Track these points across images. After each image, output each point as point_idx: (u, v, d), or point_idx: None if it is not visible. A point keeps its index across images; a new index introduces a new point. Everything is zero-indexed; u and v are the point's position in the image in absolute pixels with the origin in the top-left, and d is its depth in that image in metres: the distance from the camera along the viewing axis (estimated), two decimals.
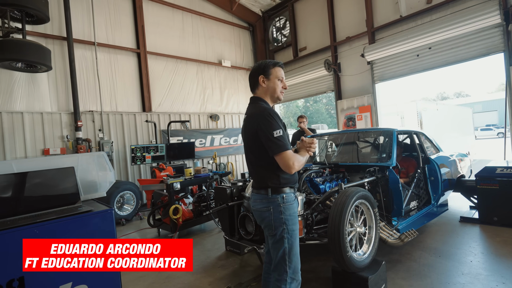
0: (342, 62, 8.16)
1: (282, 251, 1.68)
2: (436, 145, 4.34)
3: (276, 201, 1.70)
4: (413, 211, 3.54)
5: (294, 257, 1.70)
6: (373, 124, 7.50)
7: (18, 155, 5.56)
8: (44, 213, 1.47)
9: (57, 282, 1.30)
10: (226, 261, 3.37)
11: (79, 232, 1.38)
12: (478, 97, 35.47)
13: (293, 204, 1.75)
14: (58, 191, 1.59)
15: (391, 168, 3.02)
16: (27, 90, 5.76)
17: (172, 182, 4.19)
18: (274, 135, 1.60)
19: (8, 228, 1.21)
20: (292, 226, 1.72)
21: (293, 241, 1.70)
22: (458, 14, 5.87)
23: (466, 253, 3.04)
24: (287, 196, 1.72)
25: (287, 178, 1.73)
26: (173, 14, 8.11)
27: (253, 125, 1.70)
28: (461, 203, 4.82)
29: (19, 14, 5.26)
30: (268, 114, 1.66)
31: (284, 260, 1.68)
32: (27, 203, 1.49)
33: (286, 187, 1.74)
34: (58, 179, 1.59)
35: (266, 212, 1.72)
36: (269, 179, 1.71)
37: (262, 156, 1.69)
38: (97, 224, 1.43)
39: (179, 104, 8.10)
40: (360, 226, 2.50)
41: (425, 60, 6.58)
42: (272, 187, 1.71)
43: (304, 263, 3.05)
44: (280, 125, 1.67)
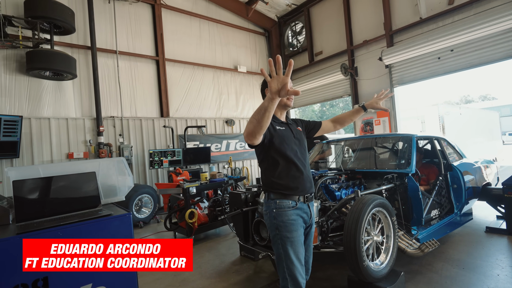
0: (359, 66, 8.04)
1: (278, 255, 1.69)
2: (459, 151, 4.16)
3: (270, 206, 1.72)
4: (434, 220, 3.40)
5: (291, 265, 1.64)
6: (392, 129, 7.30)
7: (45, 158, 5.86)
8: (67, 216, 1.54)
9: (79, 282, 1.36)
10: (240, 266, 3.37)
11: (99, 235, 1.44)
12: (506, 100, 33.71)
13: (288, 211, 1.68)
14: (80, 195, 1.67)
15: (410, 175, 2.93)
16: (54, 97, 6.07)
17: (188, 187, 4.26)
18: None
19: (34, 230, 1.29)
20: (286, 233, 1.66)
21: (287, 248, 1.65)
22: (482, 15, 5.64)
23: (493, 266, 2.88)
24: (280, 202, 1.69)
25: (281, 184, 1.70)
26: (190, 22, 8.32)
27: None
28: (487, 213, 4.59)
29: (48, 26, 5.60)
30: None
31: (282, 266, 1.66)
32: (52, 206, 1.58)
33: (278, 193, 1.71)
34: (80, 184, 1.67)
35: (265, 215, 1.78)
36: (266, 184, 1.77)
37: (260, 160, 1.78)
38: (116, 227, 1.49)
39: (195, 110, 8.25)
40: (377, 235, 2.43)
41: (447, 63, 6.36)
42: (268, 192, 1.75)
43: (319, 271, 3.01)
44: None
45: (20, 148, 5.42)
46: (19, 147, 5.41)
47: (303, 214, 1.73)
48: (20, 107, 5.68)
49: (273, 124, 1.74)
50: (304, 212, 1.74)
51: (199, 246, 4.22)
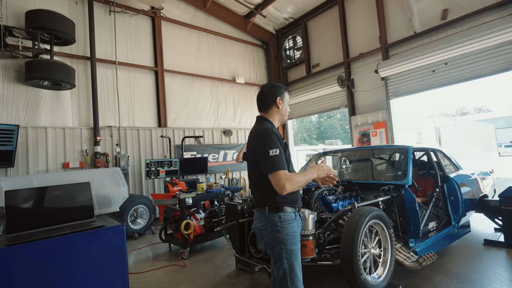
0: (355, 78, 8.15)
1: (283, 271, 1.64)
2: (455, 163, 4.18)
3: (273, 220, 1.67)
4: (432, 232, 3.38)
5: (295, 277, 1.63)
6: (388, 140, 7.35)
7: (40, 168, 5.80)
8: (60, 227, 1.52)
9: None
10: (236, 279, 3.30)
11: (91, 247, 1.41)
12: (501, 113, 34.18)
13: (292, 224, 1.69)
14: (74, 205, 1.64)
15: (406, 186, 2.93)
16: (52, 107, 6.08)
17: (184, 197, 4.22)
18: (270, 153, 1.59)
19: (24, 242, 1.26)
20: (291, 246, 1.66)
21: (293, 261, 1.64)
22: (474, 30, 5.79)
23: (492, 279, 2.84)
24: (284, 215, 1.68)
25: (285, 197, 1.68)
26: (189, 34, 8.46)
27: (253, 142, 1.72)
28: (485, 225, 4.57)
29: (48, 37, 5.67)
30: (267, 133, 1.66)
31: (286, 281, 1.63)
32: (44, 216, 1.55)
33: (284, 206, 1.70)
34: (74, 194, 1.64)
35: (264, 230, 1.70)
36: (267, 198, 1.70)
37: (261, 174, 1.68)
38: (109, 239, 1.46)
39: (193, 120, 8.28)
40: (374, 248, 2.40)
41: (441, 76, 6.47)
42: (269, 206, 1.69)
43: (315, 285, 2.96)
44: (278, 144, 1.65)
45: (15, 158, 5.37)
46: (15, 157, 5.36)
47: (299, 225, 1.73)
48: (17, 116, 5.67)
49: (283, 144, 1.73)
50: (300, 222, 1.74)
51: (195, 258, 4.15)
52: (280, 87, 1.86)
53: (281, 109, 1.84)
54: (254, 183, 1.78)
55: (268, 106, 1.84)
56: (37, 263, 1.25)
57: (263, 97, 1.86)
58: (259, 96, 1.89)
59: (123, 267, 1.49)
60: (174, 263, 3.97)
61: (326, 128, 34.19)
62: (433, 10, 6.53)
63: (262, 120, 1.83)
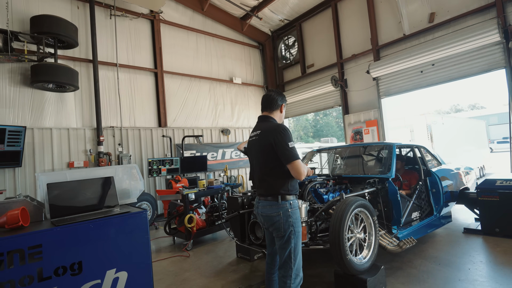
0: (348, 78, 8.48)
1: (289, 250, 1.95)
2: (437, 158, 4.51)
3: (285, 207, 1.97)
4: (415, 221, 3.71)
5: (297, 255, 1.97)
6: (380, 138, 7.69)
7: (46, 167, 6.04)
8: (94, 213, 1.80)
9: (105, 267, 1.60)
10: (237, 266, 3.61)
11: (121, 228, 1.70)
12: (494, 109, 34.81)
13: (297, 210, 2.04)
14: (102, 195, 1.93)
15: (390, 180, 3.25)
16: (56, 108, 6.31)
17: (188, 193, 4.51)
18: (289, 146, 1.91)
19: (70, 223, 1.55)
20: (298, 228, 2.00)
21: (297, 241, 1.98)
22: (459, 33, 6.13)
23: (466, 261, 3.18)
24: (293, 202, 2.01)
25: (294, 186, 2.04)
26: (188, 36, 8.70)
27: (270, 138, 1.96)
28: (467, 215, 4.93)
29: (52, 41, 5.90)
30: (284, 128, 1.98)
31: (290, 258, 1.95)
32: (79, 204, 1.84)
33: (292, 195, 2.02)
34: (101, 186, 1.93)
35: (276, 216, 1.96)
36: (280, 187, 1.97)
37: (276, 165, 1.95)
38: (134, 222, 1.75)
39: (192, 120, 8.55)
40: (359, 233, 2.72)
41: (428, 76, 6.81)
42: (281, 194, 1.97)
43: (310, 269, 3.28)
44: (292, 138, 1.98)
45: (22, 158, 5.60)
46: (22, 157, 5.59)
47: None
48: (23, 118, 5.89)
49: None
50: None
51: (198, 249, 4.44)
52: (284, 96, 2.23)
53: (282, 113, 2.20)
54: (268, 174, 2.01)
55: (274, 108, 2.16)
56: (80, 239, 1.54)
57: (272, 99, 2.15)
58: (267, 98, 2.17)
59: (147, 245, 1.78)
60: (179, 254, 4.27)
61: (322, 126, 34.57)
62: (421, 13, 6.86)
63: (269, 119, 2.14)
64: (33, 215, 1.68)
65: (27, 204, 1.65)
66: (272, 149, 1.94)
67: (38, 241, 1.40)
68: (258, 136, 2.08)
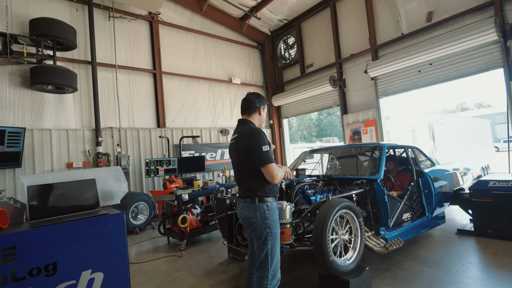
0: (347, 78, 8.44)
1: (266, 251, 1.98)
2: (431, 158, 4.49)
3: (262, 208, 2.00)
4: (406, 222, 3.70)
5: (275, 256, 1.99)
6: (378, 138, 7.65)
7: (46, 168, 6.14)
8: (72, 215, 1.85)
9: (81, 268, 1.65)
10: (227, 267, 3.64)
11: (97, 229, 1.74)
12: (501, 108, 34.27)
13: (275, 211, 2.06)
14: (82, 197, 1.98)
15: (378, 181, 3.24)
16: (55, 110, 6.41)
17: (181, 194, 4.55)
18: (263, 150, 1.93)
19: (45, 225, 1.59)
20: (275, 230, 2.02)
21: (274, 242, 2.00)
22: (457, 32, 6.07)
23: (455, 263, 3.17)
24: (271, 204, 2.03)
25: (271, 188, 2.06)
26: (186, 37, 8.75)
27: (245, 141, 2.00)
28: (462, 216, 4.89)
29: (51, 43, 5.98)
30: (258, 132, 2.01)
31: (267, 260, 1.97)
32: (59, 206, 1.89)
33: (270, 197, 2.04)
34: (83, 188, 1.98)
35: (253, 218, 2.01)
36: (257, 189, 2.01)
37: (253, 168, 1.99)
38: (112, 224, 1.79)
39: (191, 120, 8.60)
40: (344, 234, 2.73)
41: (426, 76, 6.76)
42: (259, 196, 2.01)
43: (298, 269, 3.30)
44: (267, 141, 2.00)
45: (22, 158, 5.71)
46: (22, 157, 5.69)
47: (278, 213, 2.09)
48: (23, 119, 6.00)
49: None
50: (279, 211, 2.11)
51: (191, 249, 4.49)
52: (263, 98, 2.24)
53: (261, 116, 2.20)
54: (245, 177, 2.07)
55: (252, 111, 2.18)
56: (55, 241, 1.59)
57: (249, 102, 2.19)
58: (245, 101, 2.21)
59: (124, 247, 1.82)
60: (172, 254, 4.32)
61: (326, 125, 34.40)
62: (419, 13, 6.81)
63: (246, 122, 2.18)
64: (14, 217, 1.73)
65: (7, 206, 1.70)
66: (247, 152, 1.98)
67: (12, 242, 1.45)
68: (235, 139, 2.12)
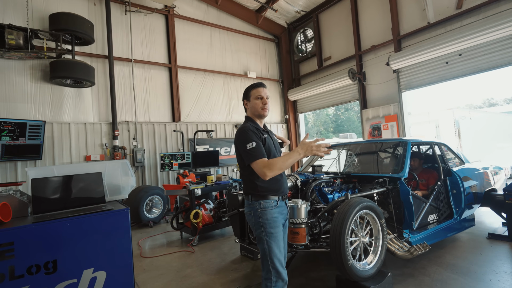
0: (367, 71, 8.06)
1: (263, 251, 1.86)
2: (460, 156, 4.15)
3: (255, 207, 1.89)
4: (431, 224, 3.43)
5: (275, 258, 1.82)
6: (400, 133, 7.27)
7: (65, 160, 6.28)
8: (76, 210, 1.78)
9: (82, 266, 1.58)
10: (239, 265, 3.53)
11: (100, 226, 1.66)
12: None
13: (272, 210, 1.87)
14: (88, 192, 1.92)
15: (402, 179, 3.00)
16: (74, 103, 6.52)
17: (194, 188, 4.48)
18: (247, 147, 1.82)
19: (46, 220, 1.52)
20: (270, 229, 1.85)
21: (272, 243, 1.83)
22: (490, 19, 5.58)
23: (487, 271, 2.89)
24: (265, 202, 1.88)
25: (265, 187, 1.88)
26: (202, 30, 8.66)
27: (235, 141, 1.98)
28: (493, 219, 4.52)
29: (69, 38, 6.06)
30: (243, 130, 1.91)
31: (266, 260, 1.83)
32: (64, 200, 1.83)
33: (267, 194, 1.89)
34: (89, 182, 1.91)
35: (249, 215, 1.94)
36: (250, 187, 1.93)
37: (244, 166, 1.93)
38: (115, 220, 1.71)
39: (206, 114, 8.54)
40: (364, 237, 2.53)
41: (455, 68, 6.30)
42: (252, 194, 1.92)
43: (313, 271, 3.13)
44: (255, 138, 1.85)
45: (43, 151, 5.86)
46: (42, 150, 5.85)
47: (283, 212, 1.91)
48: (43, 113, 6.14)
49: (263, 136, 1.94)
50: (284, 210, 1.93)
51: (203, 245, 4.42)
52: (247, 89, 2.10)
53: (249, 107, 2.08)
54: (242, 175, 2.02)
55: (245, 106, 2.15)
56: (56, 237, 1.52)
57: (243, 100, 2.16)
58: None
59: (128, 244, 1.74)
60: (184, 249, 4.27)
61: (343, 121, 33.55)
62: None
63: (245, 120, 2.10)
64: (18, 210, 1.69)
65: (11, 199, 1.66)
66: (239, 151, 1.93)
67: (10, 238, 1.39)
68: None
